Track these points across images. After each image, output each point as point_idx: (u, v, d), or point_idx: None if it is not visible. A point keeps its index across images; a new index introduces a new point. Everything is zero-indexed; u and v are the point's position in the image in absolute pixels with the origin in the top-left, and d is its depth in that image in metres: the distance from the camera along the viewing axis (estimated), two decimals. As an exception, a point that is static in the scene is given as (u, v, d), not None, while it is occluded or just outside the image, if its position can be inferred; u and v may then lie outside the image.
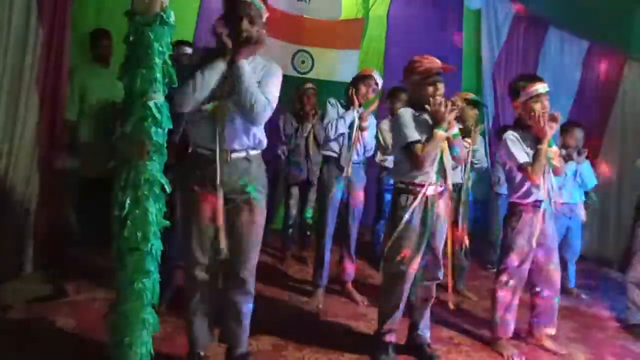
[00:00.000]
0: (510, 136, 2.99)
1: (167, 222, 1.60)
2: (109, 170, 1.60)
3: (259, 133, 2.30)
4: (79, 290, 3.32)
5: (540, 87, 2.90)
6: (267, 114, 2.20)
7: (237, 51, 2.08)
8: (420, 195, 2.65)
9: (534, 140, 2.91)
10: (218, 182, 2.11)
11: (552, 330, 3.16)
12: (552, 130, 2.88)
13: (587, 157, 4.46)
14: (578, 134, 4.27)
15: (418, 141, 2.61)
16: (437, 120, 2.63)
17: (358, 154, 3.63)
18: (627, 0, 5.82)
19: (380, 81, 3.63)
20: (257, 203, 2.28)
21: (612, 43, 5.74)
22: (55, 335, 2.73)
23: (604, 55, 5.75)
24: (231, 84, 2.12)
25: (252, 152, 2.29)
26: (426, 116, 2.69)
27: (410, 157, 2.63)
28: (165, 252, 2.76)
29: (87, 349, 2.57)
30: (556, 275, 3.10)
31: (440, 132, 2.60)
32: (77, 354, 2.54)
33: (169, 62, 1.55)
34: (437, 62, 2.67)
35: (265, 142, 2.34)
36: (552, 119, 2.89)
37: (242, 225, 2.27)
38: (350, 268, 3.76)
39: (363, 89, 3.56)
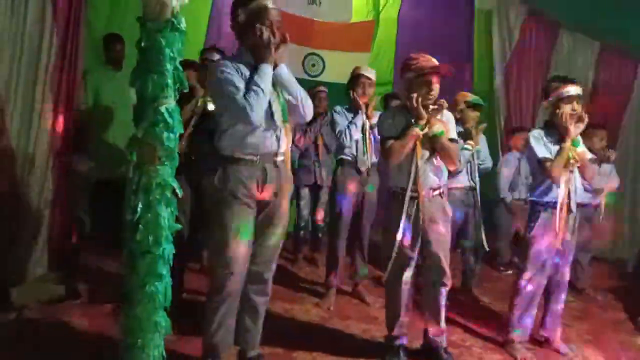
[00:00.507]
0: (535, 133, 3.01)
1: (179, 226, 1.62)
2: (121, 172, 1.62)
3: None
4: (91, 292, 3.35)
5: (572, 90, 2.90)
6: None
7: (278, 55, 2.18)
8: (407, 200, 2.63)
9: (561, 140, 2.90)
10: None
11: (559, 332, 3.15)
12: (577, 130, 2.87)
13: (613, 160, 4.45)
14: (602, 135, 4.26)
15: (391, 137, 2.62)
16: (414, 117, 2.60)
17: (374, 155, 3.63)
18: (638, 1, 5.76)
19: (371, 74, 3.62)
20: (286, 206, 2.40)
21: (625, 44, 5.68)
22: (68, 337, 2.76)
23: (617, 56, 5.68)
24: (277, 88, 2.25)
25: (280, 158, 2.35)
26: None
27: (382, 151, 2.66)
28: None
29: (100, 350, 2.59)
30: (567, 278, 3.09)
31: (415, 129, 2.57)
32: (90, 356, 2.56)
33: (180, 67, 1.57)
34: (432, 61, 2.62)
35: None
36: (579, 119, 2.88)
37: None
38: (363, 270, 3.77)
39: (359, 90, 3.57)
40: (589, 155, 3.02)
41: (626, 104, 5.65)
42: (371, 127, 3.54)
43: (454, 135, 2.80)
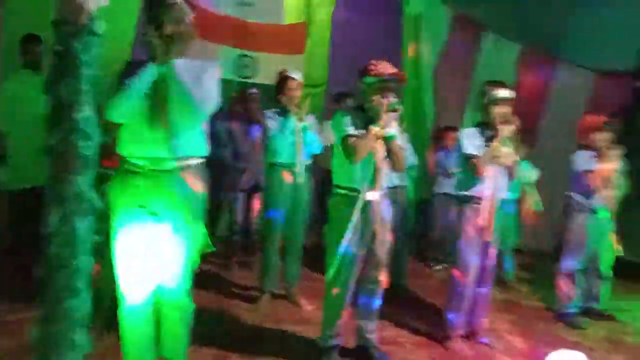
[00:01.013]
0: (468, 131, 3.15)
1: (98, 237, 1.56)
2: (40, 181, 1.54)
3: None
4: (12, 310, 3.17)
5: (503, 93, 3.06)
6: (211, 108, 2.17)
7: (168, 51, 2.05)
8: (358, 201, 2.68)
9: (491, 140, 3.04)
10: None
11: (486, 323, 3.30)
12: (506, 131, 3.01)
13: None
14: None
15: (352, 135, 2.66)
16: (374, 118, 2.67)
17: (305, 158, 3.64)
18: (557, 5, 6.13)
19: (297, 76, 3.63)
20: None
21: (544, 46, 6.03)
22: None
23: (536, 58, 6.01)
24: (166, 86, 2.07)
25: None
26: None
27: (344, 149, 2.67)
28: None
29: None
30: (492, 270, 3.24)
31: (374, 128, 2.64)
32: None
33: (98, 73, 1.51)
34: (390, 69, 2.70)
35: None
36: (509, 121, 3.03)
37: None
38: (296, 272, 3.78)
39: (287, 92, 3.57)
40: (515, 157, 3.18)
41: (545, 103, 5.99)
42: (303, 130, 3.55)
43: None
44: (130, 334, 2.24)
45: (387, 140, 2.71)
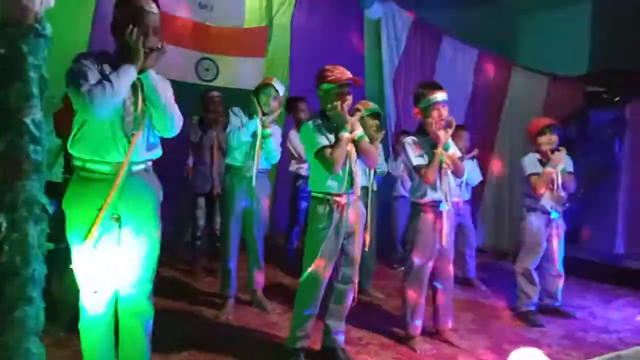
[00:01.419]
0: (409, 140, 3.17)
1: (51, 245, 1.51)
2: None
3: None
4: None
5: (439, 96, 3.07)
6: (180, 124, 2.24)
7: (147, 60, 2.06)
8: (335, 206, 2.72)
9: (433, 145, 3.08)
10: None
11: (451, 324, 3.35)
12: (446, 135, 3.07)
13: (474, 157, 4.81)
14: (464, 135, 4.59)
15: (326, 146, 2.67)
16: (339, 124, 2.69)
17: (262, 163, 3.62)
18: (513, 11, 6.33)
19: (281, 89, 3.64)
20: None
21: (500, 51, 6.20)
22: None
23: (493, 62, 6.17)
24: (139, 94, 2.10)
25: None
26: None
27: (322, 162, 2.68)
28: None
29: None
30: (452, 272, 3.30)
31: (345, 135, 2.66)
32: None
33: (46, 76, 1.47)
34: (347, 74, 2.70)
35: None
36: (448, 125, 3.08)
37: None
38: (259, 276, 3.75)
39: (264, 97, 3.56)
40: (458, 154, 3.28)
41: (502, 106, 6.15)
42: (263, 137, 3.54)
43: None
44: (90, 342, 2.20)
45: (358, 141, 2.74)
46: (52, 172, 3.25)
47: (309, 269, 2.73)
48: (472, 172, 4.70)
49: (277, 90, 3.60)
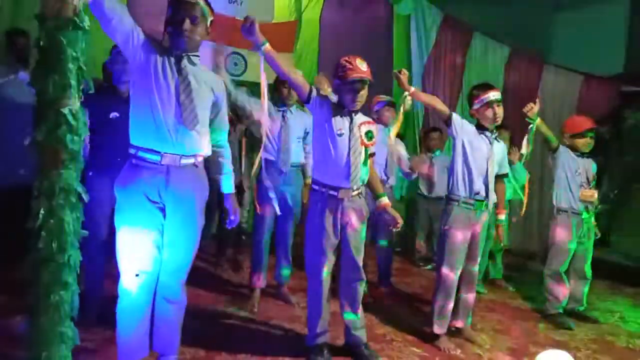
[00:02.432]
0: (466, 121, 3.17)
1: (86, 232, 1.55)
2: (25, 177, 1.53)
3: None
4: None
5: (492, 95, 3.09)
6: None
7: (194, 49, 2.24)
8: (326, 198, 2.71)
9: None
10: None
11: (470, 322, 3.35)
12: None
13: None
14: (505, 136, 4.51)
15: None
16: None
17: (295, 157, 3.64)
18: (545, 9, 6.20)
19: None
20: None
21: (532, 49, 6.09)
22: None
23: (525, 60, 6.05)
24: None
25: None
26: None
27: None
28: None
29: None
30: (476, 273, 3.28)
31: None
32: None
33: (84, 67, 1.51)
34: (358, 70, 2.65)
35: None
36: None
37: None
38: (286, 270, 3.78)
39: (284, 90, 3.58)
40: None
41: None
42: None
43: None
44: (127, 326, 2.26)
45: (368, 137, 2.74)
46: None
47: (309, 266, 2.76)
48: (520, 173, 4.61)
49: None
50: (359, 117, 2.76)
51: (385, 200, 2.84)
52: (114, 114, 2.89)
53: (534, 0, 6.20)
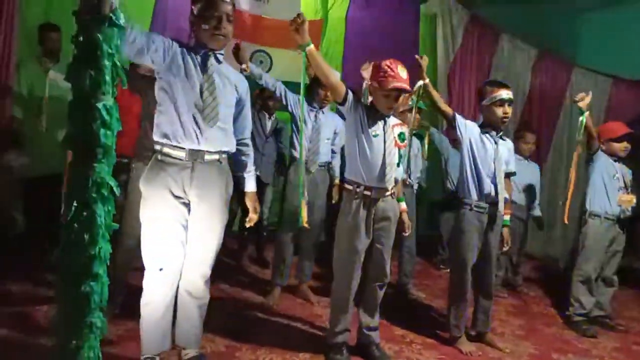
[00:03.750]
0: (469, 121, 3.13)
1: (117, 225, 1.59)
2: (56, 168, 1.57)
3: None
4: (25, 293, 3.22)
5: (504, 93, 3.03)
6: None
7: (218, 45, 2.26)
8: (360, 198, 2.70)
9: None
10: None
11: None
12: None
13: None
14: (530, 139, 4.46)
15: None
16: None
17: (322, 156, 3.66)
18: (574, 11, 6.09)
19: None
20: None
21: (560, 51, 5.99)
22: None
23: (552, 63, 5.97)
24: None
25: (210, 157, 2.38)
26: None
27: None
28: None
29: (33, 353, 2.50)
30: (494, 273, 3.26)
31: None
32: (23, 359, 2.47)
33: (118, 64, 1.54)
34: (398, 80, 2.59)
35: None
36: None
37: None
38: (308, 269, 3.79)
39: (322, 92, 3.58)
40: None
41: (560, 108, 5.95)
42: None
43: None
44: (150, 321, 2.29)
45: (401, 138, 2.75)
46: None
47: (340, 265, 2.75)
48: (533, 175, 4.56)
49: None
50: (392, 119, 2.76)
51: (403, 205, 2.95)
52: None
53: (562, 1, 6.09)
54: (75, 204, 1.49)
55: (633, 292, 4.75)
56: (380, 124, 2.70)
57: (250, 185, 2.58)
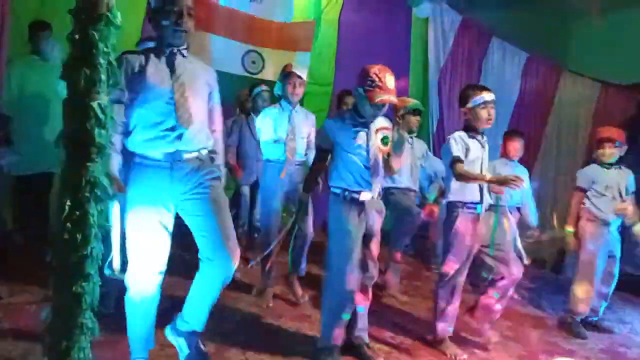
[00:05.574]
0: (456, 135, 3.09)
1: (110, 225, 1.58)
2: (46, 167, 1.55)
3: None
4: (13, 292, 3.19)
5: (487, 96, 3.04)
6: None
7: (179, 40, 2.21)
8: (353, 201, 2.73)
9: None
10: None
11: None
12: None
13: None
14: (519, 144, 4.48)
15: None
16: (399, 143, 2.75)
17: (297, 155, 3.66)
18: (564, 15, 6.15)
19: (303, 74, 3.66)
20: None
21: (549, 55, 6.04)
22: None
23: (542, 66, 6.01)
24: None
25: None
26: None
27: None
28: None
29: (22, 353, 2.47)
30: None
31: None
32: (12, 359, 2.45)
33: (114, 63, 1.53)
34: (388, 90, 2.61)
35: None
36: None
37: None
38: (300, 268, 3.78)
39: (289, 88, 3.59)
40: None
41: (549, 112, 6.00)
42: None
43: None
44: (134, 317, 2.31)
45: (384, 142, 2.76)
46: None
47: (334, 268, 2.76)
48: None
49: (299, 77, 3.61)
50: (376, 122, 2.76)
51: None
52: None
53: (553, 5, 6.14)
54: (68, 203, 1.48)
55: (617, 295, 4.79)
56: (364, 133, 2.72)
57: None
